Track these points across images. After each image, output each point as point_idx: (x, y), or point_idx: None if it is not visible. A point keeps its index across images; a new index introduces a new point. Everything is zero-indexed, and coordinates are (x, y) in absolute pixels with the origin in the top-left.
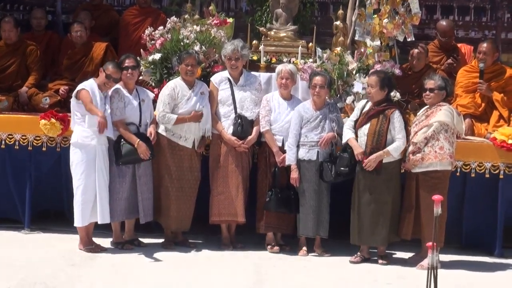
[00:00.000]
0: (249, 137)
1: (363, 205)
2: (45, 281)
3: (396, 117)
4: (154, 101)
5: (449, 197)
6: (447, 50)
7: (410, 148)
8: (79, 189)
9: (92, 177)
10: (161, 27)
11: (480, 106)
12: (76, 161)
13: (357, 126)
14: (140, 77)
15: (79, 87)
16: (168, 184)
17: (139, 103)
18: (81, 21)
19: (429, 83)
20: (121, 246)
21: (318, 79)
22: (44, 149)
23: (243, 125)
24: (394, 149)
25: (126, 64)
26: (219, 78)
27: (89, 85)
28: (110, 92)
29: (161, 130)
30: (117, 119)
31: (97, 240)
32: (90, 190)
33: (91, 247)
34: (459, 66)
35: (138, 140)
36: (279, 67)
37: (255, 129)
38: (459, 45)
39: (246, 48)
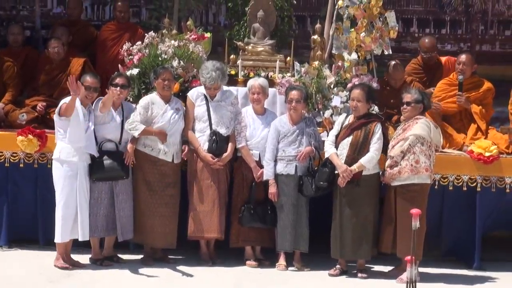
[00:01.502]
0: (225, 154)
1: (345, 219)
2: None
3: (377, 130)
4: None
5: (429, 210)
6: (430, 68)
7: (388, 162)
8: (60, 204)
9: (73, 193)
10: (139, 42)
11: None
12: (58, 176)
13: (338, 139)
14: None
15: (61, 102)
16: (151, 201)
17: (122, 121)
18: (58, 37)
19: (406, 97)
20: (99, 262)
21: (294, 94)
22: (21, 165)
23: (218, 142)
24: (367, 161)
25: (116, 82)
26: (196, 93)
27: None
28: (97, 101)
29: (140, 146)
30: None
31: (75, 257)
32: (71, 206)
33: (67, 264)
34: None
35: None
36: (250, 82)
37: (230, 145)
38: (443, 59)
39: (225, 74)
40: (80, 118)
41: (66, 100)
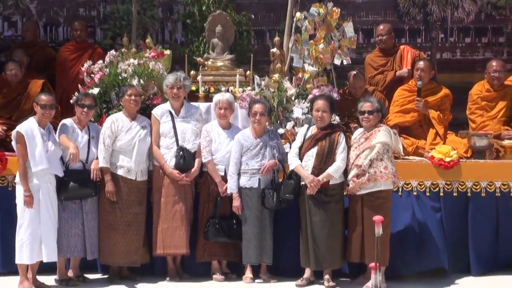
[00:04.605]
0: (192, 170)
1: (316, 229)
2: None
3: (341, 140)
4: None
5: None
6: (388, 54)
7: (354, 171)
8: (22, 227)
9: (36, 215)
10: (100, 61)
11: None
12: (20, 199)
13: (303, 151)
14: None
15: (16, 129)
16: (114, 219)
17: (88, 140)
18: (15, 60)
19: (367, 106)
20: (65, 283)
21: (258, 107)
22: None
23: (185, 157)
24: (334, 170)
25: (83, 102)
26: (161, 110)
27: (27, 126)
28: (62, 125)
29: (104, 163)
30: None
31: (38, 278)
32: (35, 227)
33: (32, 286)
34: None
35: (73, 143)
36: (216, 97)
37: (197, 161)
38: (402, 47)
39: (188, 79)
40: (38, 143)
41: (20, 126)
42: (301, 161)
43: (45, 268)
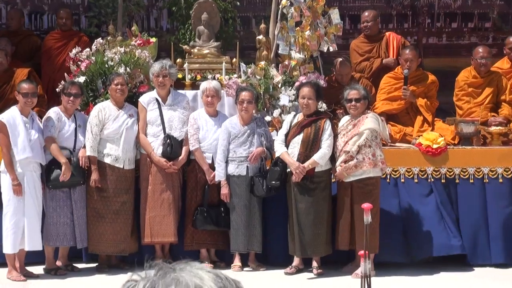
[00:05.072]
0: (179, 158)
1: (301, 216)
2: None
3: (327, 127)
4: None
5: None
6: (374, 41)
7: (342, 157)
8: (6, 216)
9: (20, 203)
10: (87, 49)
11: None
12: (4, 188)
13: (288, 138)
14: None
15: (1, 119)
16: (102, 207)
17: (75, 129)
18: (1, 48)
19: (354, 93)
20: (54, 272)
21: (245, 94)
22: None
23: (173, 146)
24: (320, 157)
25: (69, 91)
26: (147, 98)
27: (9, 115)
28: (47, 117)
29: (91, 152)
30: (48, 138)
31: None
32: (19, 216)
33: (21, 275)
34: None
35: (66, 160)
36: (203, 85)
37: (184, 149)
38: (387, 33)
39: (174, 67)
40: (20, 131)
41: (2, 116)
42: (287, 148)
43: (37, 258)
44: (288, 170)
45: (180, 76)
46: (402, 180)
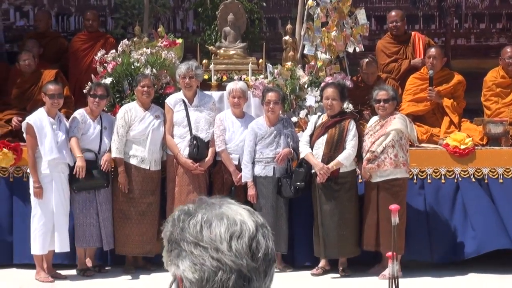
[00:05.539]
0: (206, 159)
1: (326, 217)
2: None
3: (352, 127)
4: None
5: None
6: (401, 41)
7: (367, 156)
8: (35, 217)
9: (49, 205)
10: (113, 51)
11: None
12: (31, 189)
13: (313, 138)
14: None
15: (25, 120)
16: (128, 209)
17: (101, 131)
18: (29, 50)
19: (382, 94)
20: (82, 272)
21: (271, 95)
22: None
23: (199, 147)
24: (344, 158)
25: (95, 92)
26: (174, 99)
27: (36, 117)
28: (73, 118)
29: (117, 154)
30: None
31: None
32: (47, 217)
33: (49, 276)
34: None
35: (81, 154)
36: (230, 86)
37: (210, 150)
38: (412, 33)
39: (200, 68)
40: (47, 133)
41: (29, 118)
42: (312, 149)
43: (62, 259)
44: (313, 171)
45: (206, 77)
46: (429, 181)
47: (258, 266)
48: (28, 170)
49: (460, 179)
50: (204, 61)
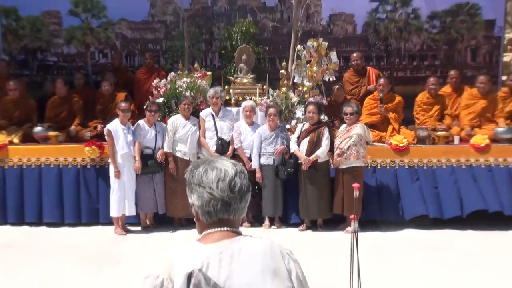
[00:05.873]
0: (227, 153)
1: (308, 192)
2: (101, 252)
3: (326, 132)
4: None
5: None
6: (360, 74)
7: (337, 152)
8: (113, 192)
9: (122, 183)
10: (164, 80)
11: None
12: (111, 173)
13: (299, 139)
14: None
15: (106, 127)
16: (175, 186)
17: (155, 134)
18: (107, 79)
19: (349, 109)
20: (144, 229)
21: (271, 110)
22: (88, 167)
23: (223, 145)
24: (321, 152)
25: (150, 108)
26: (205, 113)
27: (113, 124)
28: (141, 123)
29: (168, 149)
30: (136, 141)
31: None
32: (121, 192)
33: (122, 230)
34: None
35: (138, 159)
36: (243, 104)
37: (230, 147)
38: (368, 68)
39: (223, 91)
40: (120, 135)
41: (109, 125)
42: (299, 146)
43: (130, 220)
44: (299, 161)
45: (227, 97)
46: (379, 167)
47: (235, 196)
48: (109, 160)
49: (397, 167)
50: (226, 87)
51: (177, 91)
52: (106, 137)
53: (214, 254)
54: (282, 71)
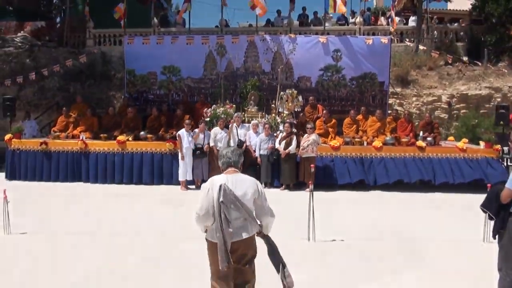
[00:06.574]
0: (242, 147)
1: (286, 169)
2: (173, 199)
3: (294, 138)
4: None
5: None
6: (314, 108)
7: (301, 147)
8: (180, 166)
9: (185, 163)
10: (210, 109)
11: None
12: (179, 158)
13: (280, 141)
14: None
15: (178, 132)
16: (215, 165)
17: (203, 137)
18: (179, 108)
19: (309, 126)
20: (197, 188)
21: (267, 125)
22: (167, 154)
23: (240, 141)
24: (292, 148)
25: (202, 123)
26: (232, 126)
27: (182, 131)
28: (196, 131)
29: (211, 144)
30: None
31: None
32: (184, 167)
33: (185, 188)
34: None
35: (182, 155)
36: (252, 122)
37: (244, 145)
38: (318, 105)
39: (241, 115)
40: (185, 137)
41: (180, 131)
42: (280, 145)
43: (189, 183)
44: (280, 153)
45: (243, 118)
46: (324, 157)
47: (234, 156)
48: (178, 151)
49: (334, 157)
50: (242, 112)
51: (217, 114)
52: (177, 138)
53: (229, 178)
54: (273, 105)
